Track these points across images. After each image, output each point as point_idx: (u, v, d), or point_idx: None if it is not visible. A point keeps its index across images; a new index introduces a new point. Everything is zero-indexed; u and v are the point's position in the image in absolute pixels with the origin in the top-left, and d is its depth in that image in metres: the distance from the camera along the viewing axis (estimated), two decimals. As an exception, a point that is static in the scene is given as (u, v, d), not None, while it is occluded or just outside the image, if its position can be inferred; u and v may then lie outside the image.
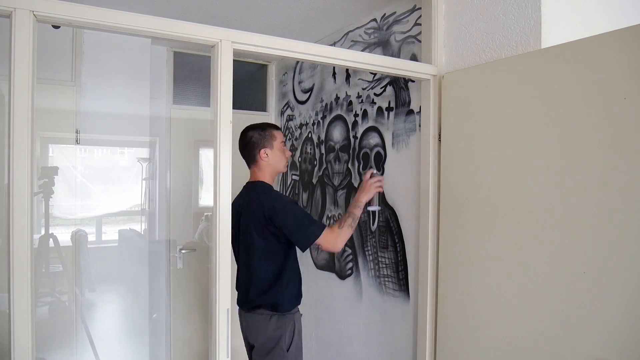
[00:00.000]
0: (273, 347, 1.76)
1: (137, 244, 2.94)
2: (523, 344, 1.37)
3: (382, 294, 2.14)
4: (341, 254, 2.46)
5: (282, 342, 1.76)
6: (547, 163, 1.31)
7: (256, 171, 1.86)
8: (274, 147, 1.83)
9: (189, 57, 3.03)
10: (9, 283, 1.06)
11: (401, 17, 2.05)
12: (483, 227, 1.52)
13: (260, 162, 1.83)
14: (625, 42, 1.14)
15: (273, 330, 1.76)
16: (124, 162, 3.05)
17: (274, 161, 1.84)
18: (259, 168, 1.85)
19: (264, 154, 1.82)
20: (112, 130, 2.69)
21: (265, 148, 1.82)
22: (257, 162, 1.84)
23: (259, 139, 1.82)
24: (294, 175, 2.96)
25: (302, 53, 1.48)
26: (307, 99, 2.84)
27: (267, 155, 1.82)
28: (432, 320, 1.75)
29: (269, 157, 1.83)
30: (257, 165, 1.84)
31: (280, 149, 1.86)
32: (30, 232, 1.08)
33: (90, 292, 2.68)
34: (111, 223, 2.98)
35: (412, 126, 1.96)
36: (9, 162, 1.06)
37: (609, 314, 1.16)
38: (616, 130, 1.15)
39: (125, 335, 2.85)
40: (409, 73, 1.71)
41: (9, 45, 1.06)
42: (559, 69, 1.28)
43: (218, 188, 1.31)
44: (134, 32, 1.23)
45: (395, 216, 2.05)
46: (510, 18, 1.49)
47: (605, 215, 1.17)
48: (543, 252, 1.32)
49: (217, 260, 1.32)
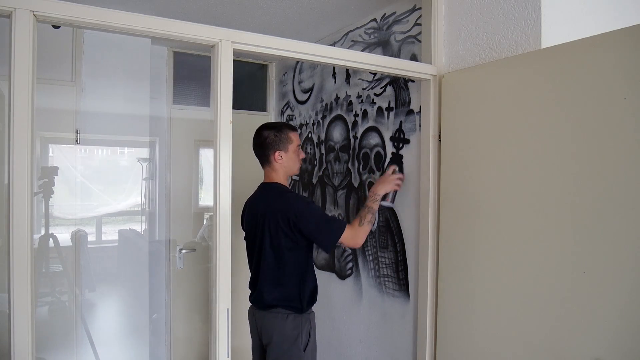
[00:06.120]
0: (290, 346, 1.75)
1: (137, 244, 2.94)
2: (523, 344, 1.37)
3: (382, 294, 2.14)
4: (341, 254, 2.46)
5: (298, 342, 1.75)
6: (547, 163, 1.31)
7: (270, 172, 1.83)
8: (289, 150, 1.79)
9: (189, 57, 3.03)
10: (9, 283, 1.06)
11: (401, 17, 2.05)
12: (483, 227, 1.52)
13: (274, 164, 1.80)
14: (625, 42, 1.14)
15: (290, 329, 1.75)
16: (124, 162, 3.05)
17: (287, 164, 1.81)
18: (273, 169, 1.81)
19: (278, 156, 1.78)
20: (112, 130, 2.69)
21: (280, 150, 1.78)
22: (271, 163, 1.80)
23: (274, 141, 1.77)
24: (294, 175, 2.95)
25: (302, 53, 1.48)
26: (307, 99, 2.84)
27: (281, 158, 1.78)
28: (432, 320, 1.75)
29: (283, 159, 1.79)
30: (271, 166, 1.81)
31: (295, 152, 1.82)
32: (30, 232, 1.08)
33: (90, 292, 2.68)
34: (111, 223, 2.98)
35: (412, 126, 1.97)
36: (9, 162, 1.06)
37: (609, 314, 1.16)
38: (616, 130, 1.15)
39: (125, 335, 2.85)
40: (409, 73, 1.71)
41: (9, 45, 1.06)
42: (559, 69, 1.28)
43: (218, 188, 1.32)
44: (134, 32, 1.23)
45: (395, 216, 2.05)
46: (510, 18, 1.49)
47: (606, 215, 1.17)
48: (543, 252, 1.32)
49: (217, 260, 1.32)
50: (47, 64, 2.43)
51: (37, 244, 2.52)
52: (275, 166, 1.80)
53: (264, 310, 1.81)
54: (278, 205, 1.72)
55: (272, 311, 1.78)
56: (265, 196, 1.81)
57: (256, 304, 1.86)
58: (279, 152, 1.78)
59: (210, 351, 1.36)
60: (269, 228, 1.75)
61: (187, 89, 3.05)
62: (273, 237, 1.74)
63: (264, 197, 1.81)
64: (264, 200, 1.80)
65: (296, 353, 1.75)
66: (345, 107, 2.44)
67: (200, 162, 3.14)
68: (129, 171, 2.96)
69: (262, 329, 1.84)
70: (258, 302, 1.84)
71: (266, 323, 1.80)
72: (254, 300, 1.87)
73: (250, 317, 1.91)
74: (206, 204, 3.12)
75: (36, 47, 1.09)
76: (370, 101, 2.24)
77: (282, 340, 1.75)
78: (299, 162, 1.86)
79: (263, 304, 1.80)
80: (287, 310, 1.77)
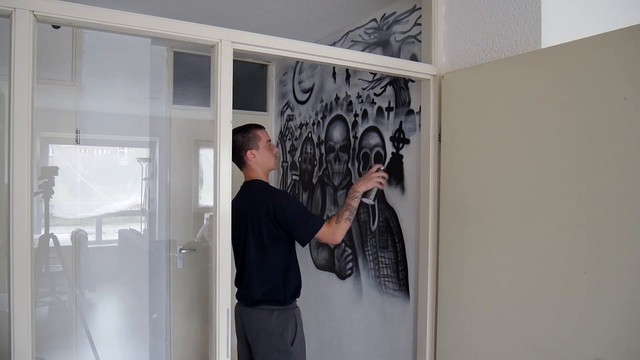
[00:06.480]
0: (276, 342, 1.78)
1: (137, 244, 2.94)
2: (523, 344, 1.37)
3: (382, 294, 2.14)
4: (341, 254, 2.46)
5: (285, 336, 1.79)
6: (547, 163, 1.31)
7: (248, 171, 1.92)
8: (259, 147, 1.89)
9: (189, 57, 3.03)
10: (9, 283, 1.06)
11: (401, 17, 2.05)
12: (483, 227, 1.52)
13: (248, 162, 1.89)
14: (625, 42, 1.14)
15: (275, 325, 1.80)
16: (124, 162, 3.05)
17: (261, 160, 1.90)
18: (250, 168, 1.91)
19: (250, 155, 1.88)
20: (112, 130, 2.70)
21: (251, 149, 1.87)
22: (246, 163, 1.90)
23: (243, 142, 1.87)
24: (294, 175, 2.95)
25: (302, 53, 1.48)
26: (307, 99, 2.84)
27: (254, 156, 1.88)
28: (432, 320, 1.75)
29: (256, 157, 1.88)
30: (247, 166, 1.91)
31: (266, 148, 1.90)
32: (30, 232, 1.08)
33: (90, 292, 2.68)
34: (111, 223, 2.98)
35: (412, 126, 1.96)
36: (9, 162, 1.06)
37: (609, 314, 1.16)
38: (616, 131, 1.15)
39: (125, 335, 2.85)
40: (409, 73, 1.71)
41: (9, 45, 1.06)
42: (559, 69, 1.28)
43: (218, 188, 1.32)
44: (134, 32, 1.23)
45: (395, 216, 2.05)
46: (510, 18, 1.49)
47: (606, 215, 1.17)
48: (543, 251, 1.32)
49: (217, 260, 1.32)
50: (47, 64, 2.43)
51: (37, 244, 2.52)
52: (251, 164, 1.89)
53: (250, 306, 1.85)
54: (260, 199, 1.80)
55: (257, 308, 1.83)
56: (248, 194, 1.88)
57: (243, 300, 1.90)
58: (249, 150, 1.87)
59: (210, 351, 1.36)
60: (252, 223, 1.81)
61: (187, 89, 3.05)
62: (257, 232, 1.80)
63: (246, 195, 1.89)
64: (246, 198, 1.87)
65: (283, 347, 1.78)
66: (345, 107, 2.44)
67: (200, 162, 3.14)
68: (129, 171, 2.96)
69: (247, 327, 1.87)
70: (245, 299, 1.88)
71: (251, 319, 1.84)
72: (241, 297, 1.91)
73: (236, 315, 1.94)
74: (206, 204, 3.13)
75: (36, 47, 1.09)
76: (370, 101, 2.24)
77: (269, 336, 1.79)
78: (272, 156, 1.94)
79: (250, 299, 1.84)
80: (271, 306, 1.81)
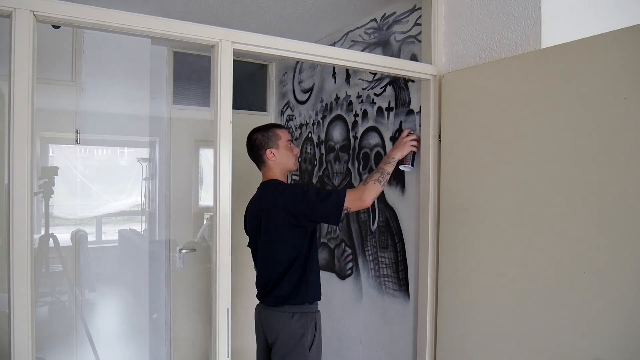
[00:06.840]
0: (295, 345, 1.76)
1: (137, 244, 2.94)
2: (523, 345, 1.37)
3: (382, 294, 2.14)
4: (341, 254, 2.46)
5: (304, 340, 1.77)
6: (547, 163, 1.31)
7: (266, 171, 1.89)
8: (279, 146, 1.86)
9: (189, 57, 3.03)
10: (9, 283, 1.06)
11: (401, 17, 2.05)
12: (483, 227, 1.52)
13: (268, 162, 1.86)
14: (625, 42, 1.14)
15: (296, 328, 1.77)
16: (124, 162, 3.05)
17: (281, 160, 1.86)
18: (268, 167, 1.87)
19: (270, 154, 1.84)
20: (112, 130, 2.69)
21: (271, 148, 1.84)
22: (265, 162, 1.86)
23: (263, 140, 1.85)
24: (294, 175, 2.95)
25: (302, 53, 1.48)
26: (307, 99, 2.84)
27: (273, 155, 1.85)
28: (432, 320, 1.75)
29: (276, 156, 1.85)
30: (266, 165, 1.87)
31: (286, 147, 1.87)
32: (30, 232, 1.08)
33: (90, 292, 2.68)
34: (111, 223, 2.98)
35: (412, 126, 1.96)
36: (9, 162, 1.06)
37: (609, 314, 1.16)
38: (616, 131, 1.15)
39: (125, 335, 2.85)
40: (409, 73, 1.71)
41: (9, 45, 1.06)
42: (559, 69, 1.28)
43: (218, 188, 1.32)
44: (134, 32, 1.23)
45: (395, 216, 2.05)
46: (510, 18, 1.49)
47: (605, 216, 1.17)
48: (543, 252, 1.32)
49: (217, 260, 1.32)
50: (47, 64, 2.43)
51: (37, 244, 2.52)
52: (270, 164, 1.86)
53: (272, 307, 1.83)
54: (276, 199, 1.76)
55: (279, 309, 1.80)
56: (264, 194, 1.86)
57: (264, 301, 1.88)
58: (270, 149, 1.84)
59: (210, 351, 1.36)
60: (270, 223, 1.78)
61: (187, 89, 3.05)
62: (275, 231, 1.77)
63: (263, 196, 1.86)
64: (263, 198, 1.85)
65: (301, 351, 1.76)
66: (345, 107, 2.44)
67: (200, 162, 3.14)
68: (129, 171, 2.96)
69: (267, 328, 1.85)
70: (266, 299, 1.86)
71: (272, 322, 1.82)
72: (262, 297, 1.89)
73: (256, 317, 1.93)
74: (206, 204, 3.12)
75: (36, 47, 1.09)
76: (370, 101, 2.24)
77: (288, 339, 1.77)
78: (292, 156, 1.90)
79: (272, 300, 1.82)
80: (293, 308, 1.79)
